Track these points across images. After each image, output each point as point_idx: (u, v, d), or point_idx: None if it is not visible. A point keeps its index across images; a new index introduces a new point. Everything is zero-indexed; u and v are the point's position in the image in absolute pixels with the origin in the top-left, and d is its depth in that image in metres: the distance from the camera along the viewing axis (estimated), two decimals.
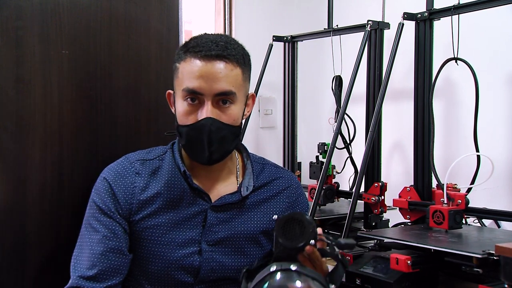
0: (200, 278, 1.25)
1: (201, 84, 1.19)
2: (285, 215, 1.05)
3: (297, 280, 0.99)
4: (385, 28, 1.85)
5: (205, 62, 1.20)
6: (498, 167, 1.54)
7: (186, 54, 1.23)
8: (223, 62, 1.21)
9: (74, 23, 1.43)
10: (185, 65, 1.23)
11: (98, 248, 1.21)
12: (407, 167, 1.97)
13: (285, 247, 1.03)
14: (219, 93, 1.21)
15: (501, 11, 1.59)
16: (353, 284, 1.44)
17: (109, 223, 1.23)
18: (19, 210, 1.36)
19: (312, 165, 2.09)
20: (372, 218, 1.81)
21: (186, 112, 1.23)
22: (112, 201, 1.24)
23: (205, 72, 1.20)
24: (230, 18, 2.33)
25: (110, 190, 1.25)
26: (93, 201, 1.26)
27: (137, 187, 1.26)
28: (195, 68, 1.20)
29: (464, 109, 1.95)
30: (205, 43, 1.22)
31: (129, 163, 1.29)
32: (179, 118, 1.25)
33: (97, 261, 1.20)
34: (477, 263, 1.25)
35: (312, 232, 1.02)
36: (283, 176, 1.39)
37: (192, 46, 1.23)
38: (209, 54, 1.20)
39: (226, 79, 1.21)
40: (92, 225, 1.24)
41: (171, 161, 1.30)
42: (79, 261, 1.23)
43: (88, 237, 1.23)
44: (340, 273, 1.06)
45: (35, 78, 1.37)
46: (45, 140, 1.39)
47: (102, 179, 1.28)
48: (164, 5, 1.60)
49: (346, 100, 1.83)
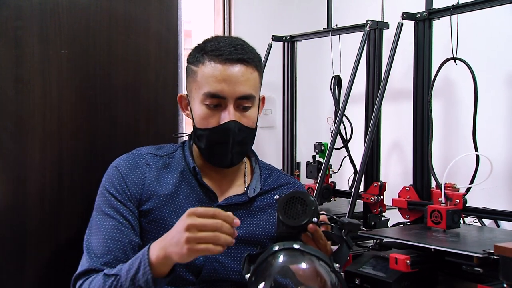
0: (201, 277, 1.24)
1: (224, 87, 1.20)
2: (287, 194, 1.04)
3: (301, 259, 0.99)
4: (384, 28, 1.85)
5: (227, 66, 1.21)
6: (497, 167, 1.55)
7: (205, 58, 1.23)
8: (244, 66, 1.22)
9: (73, 23, 1.43)
10: (204, 68, 1.23)
11: (113, 235, 1.20)
12: (406, 167, 1.97)
13: (288, 225, 1.02)
14: (241, 97, 1.22)
15: (500, 11, 1.59)
16: (352, 284, 1.44)
17: (122, 210, 1.23)
18: (18, 210, 1.36)
19: (309, 164, 2.09)
20: (371, 217, 1.81)
21: (207, 116, 1.23)
22: (124, 189, 1.24)
23: (227, 76, 1.21)
24: (230, 18, 2.33)
25: (121, 179, 1.25)
26: (104, 189, 1.26)
27: (147, 178, 1.26)
28: (216, 72, 1.21)
29: (463, 109, 1.95)
30: (224, 46, 1.23)
31: (140, 155, 1.30)
32: (198, 121, 1.26)
33: (113, 247, 1.19)
34: (478, 263, 1.25)
35: (315, 210, 1.02)
36: (291, 182, 1.40)
37: (211, 49, 1.23)
38: (230, 58, 1.21)
39: (247, 83, 1.22)
40: (106, 212, 1.23)
41: (181, 159, 1.31)
42: (93, 246, 1.20)
43: (101, 223, 1.22)
44: (344, 253, 1.04)
45: (34, 78, 1.37)
46: (45, 140, 1.39)
47: (114, 168, 1.28)
48: (163, 5, 1.60)
49: (345, 100, 1.83)
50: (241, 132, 1.24)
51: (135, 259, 1.10)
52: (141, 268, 1.06)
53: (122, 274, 1.10)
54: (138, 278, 1.07)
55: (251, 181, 1.33)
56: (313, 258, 0.99)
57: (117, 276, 1.10)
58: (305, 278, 1.00)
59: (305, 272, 1.00)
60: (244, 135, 1.25)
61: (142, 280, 1.06)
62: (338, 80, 2.07)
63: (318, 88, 2.50)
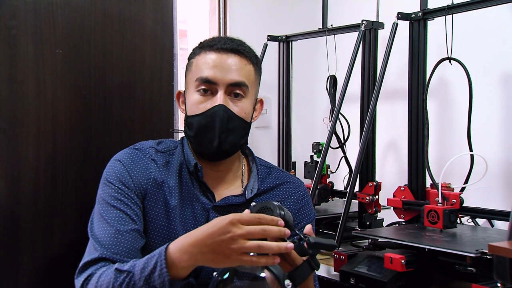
0: (201, 280, 1.23)
1: (216, 73, 1.22)
2: (261, 203, 1.05)
3: (254, 268, 1.00)
4: (379, 28, 1.86)
5: (220, 54, 1.24)
6: (491, 167, 1.55)
7: (201, 50, 1.27)
8: (237, 56, 1.25)
9: (68, 22, 1.42)
10: (199, 58, 1.26)
11: (120, 225, 1.18)
12: (401, 167, 1.97)
13: None
14: (233, 83, 1.23)
15: (495, 11, 1.60)
16: (347, 284, 1.45)
17: (127, 201, 1.21)
18: (12, 209, 1.35)
19: (306, 164, 2.09)
20: (367, 217, 1.81)
21: (198, 102, 1.24)
22: (128, 181, 1.23)
23: (219, 63, 1.23)
24: (225, 18, 2.33)
25: (125, 172, 1.23)
26: (107, 181, 1.23)
27: (151, 173, 1.25)
28: (209, 60, 1.24)
29: (458, 108, 1.95)
30: (220, 38, 1.28)
31: (143, 149, 1.29)
32: (190, 109, 1.26)
33: (121, 237, 1.16)
34: (471, 262, 1.25)
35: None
36: (290, 181, 1.37)
37: (207, 42, 1.28)
38: (224, 47, 1.24)
39: (240, 71, 1.24)
40: (110, 203, 1.20)
41: (181, 157, 1.30)
42: (100, 236, 1.17)
43: (106, 214, 1.19)
44: (303, 272, 1.02)
45: (28, 78, 1.37)
46: (39, 139, 1.39)
47: (116, 161, 1.26)
48: (158, 5, 1.60)
49: (340, 99, 1.84)
50: (231, 120, 1.23)
51: (150, 257, 1.06)
52: (157, 269, 1.03)
53: (135, 272, 1.06)
54: (153, 279, 1.04)
55: (248, 182, 1.32)
56: (266, 270, 0.99)
57: (130, 273, 1.07)
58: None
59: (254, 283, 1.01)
60: (234, 124, 1.23)
61: (158, 281, 1.03)
62: (333, 80, 2.07)
63: (313, 88, 2.50)
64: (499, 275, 1.08)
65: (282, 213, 1.02)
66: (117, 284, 1.07)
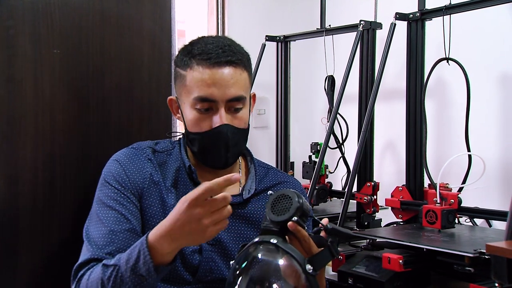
0: (198, 277, 1.24)
1: (214, 91, 1.20)
2: (279, 191, 1.08)
3: (274, 253, 1.02)
4: (377, 28, 1.86)
5: (216, 69, 1.20)
6: (489, 167, 1.55)
7: (193, 62, 1.22)
8: (232, 68, 1.22)
9: (65, 22, 1.42)
10: (193, 73, 1.22)
11: (115, 225, 1.19)
12: (399, 167, 1.97)
13: (270, 220, 1.05)
14: (232, 99, 1.22)
15: (493, 11, 1.60)
16: (345, 284, 1.45)
17: (124, 201, 1.22)
18: (10, 210, 1.35)
19: (305, 164, 2.09)
20: (365, 217, 1.81)
21: (198, 120, 1.23)
22: (125, 181, 1.24)
23: (216, 79, 1.20)
24: (223, 18, 2.33)
25: (123, 171, 1.25)
26: (105, 181, 1.25)
27: (147, 172, 1.26)
28: (205, 76, 1.20)
29: (456, 108, 1.95)
30: (211, 49, 1.22)
31: (140, 149, 1.30)
32: (190, 125, 1.25)
33: (115, 238, 1.18)
34: (469, 262, 1.25)
35: (298, 209, 1.04)
36: (287, 181, 1.39)
37: (198, 53, 1.22)
38: (218, 61, 1.20)
39: (237, 84, 1.22)
40: (107, 203, 1.22)
41: (178, 157, 1.31)
42: (95, 236, 1.19)
43: (102, 214, 1.21)
44: (323, 258, 1.04)
45: (26, 78, 1.37)
46: (37, 140, 1.39)
47: (114, 161, 1.27)
48: (156, 5, 1.60)
49: (338, 100, 1.84)
50: (234, 135, 1.24)
51: (133, 248, 1.09)
52: (141, 258, 1.06)
53: (121, 264, 1.08)
54: (139, 267, 1.06)
55: (246, 182, 1.33)
56: (286, 255, 1.01)
57: (116, 266, 1.09)
58: (273, 273, 1.02)
59: (275, 267, 1.02)
60: (237, 138, 1.25)
61: (143, 269, 1.06)
62: (331, 80, 2.07)
63: (311, 88, 2.50)
64: (497, 275, 1.08)
65: (301, 201, 1.05)
66: (105, 278, 1.09)
